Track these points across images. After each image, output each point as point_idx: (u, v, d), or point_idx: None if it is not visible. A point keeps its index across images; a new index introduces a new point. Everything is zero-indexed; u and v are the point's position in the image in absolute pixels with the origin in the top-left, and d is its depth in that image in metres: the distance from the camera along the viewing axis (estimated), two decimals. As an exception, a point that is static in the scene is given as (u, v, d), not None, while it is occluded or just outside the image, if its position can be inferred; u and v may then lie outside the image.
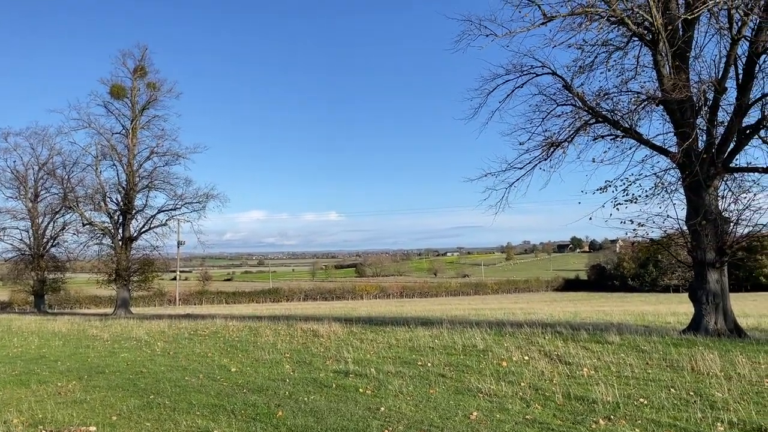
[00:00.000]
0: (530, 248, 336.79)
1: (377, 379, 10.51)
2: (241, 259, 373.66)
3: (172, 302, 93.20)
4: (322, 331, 17.52)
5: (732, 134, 15.85)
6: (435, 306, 61.27)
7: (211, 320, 24.13)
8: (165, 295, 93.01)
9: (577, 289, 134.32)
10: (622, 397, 8.51)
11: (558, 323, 20.11)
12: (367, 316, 29.51)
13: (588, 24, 16.55)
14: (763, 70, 15.70)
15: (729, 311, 16.20)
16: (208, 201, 44.55)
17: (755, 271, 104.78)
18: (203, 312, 46.50)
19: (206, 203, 44.54)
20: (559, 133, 17.70)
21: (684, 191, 16.47)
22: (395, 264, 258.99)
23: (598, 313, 37.09)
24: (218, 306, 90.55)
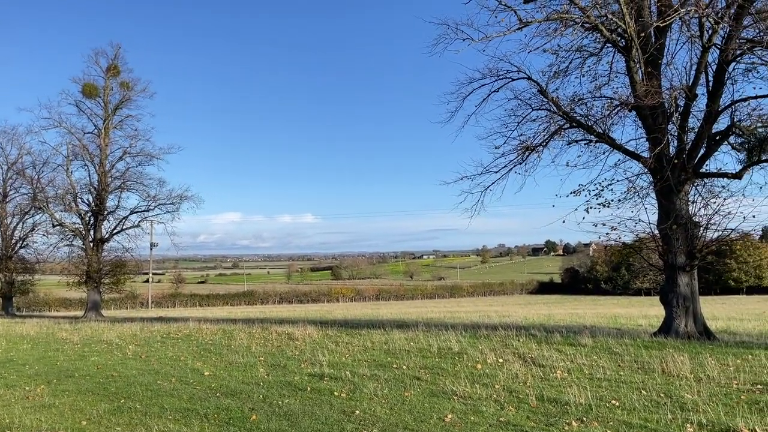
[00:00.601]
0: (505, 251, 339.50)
1: (352, 382, 10.48)
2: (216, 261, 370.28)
3: (144, 305, 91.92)
4: (297, 334, 17.42)
5: (702, 140, 16.17)
6: (411, 309, 61.36)
7: (184, 323, 23.84)
8: (137, 298, 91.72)
9: (551, 292, 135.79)
10: (595, 398, 8.60)
11: (532, 326, 20.29)
12: (343, 319, 29.43)
13: (563, 30, 16.76)
14: (732, 78, 16.06)
15: (699, 314, 16.50)
16: (182, 202, 44.05)
17: (724, 274, 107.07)
18: (176, 315, 45.91)
19: (180, 205, 44.04)
20: (534, 138, 17.88)
21: (656, 196, 16.75)
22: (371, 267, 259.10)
23: (571, 315, 37.50)
24: (192, 309, 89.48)
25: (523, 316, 36.79)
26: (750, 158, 16.14)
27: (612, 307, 64.34)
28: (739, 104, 16.00)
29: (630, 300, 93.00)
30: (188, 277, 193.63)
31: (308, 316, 36.43)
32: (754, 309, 51.61)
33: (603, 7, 16.58)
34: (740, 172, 16.17)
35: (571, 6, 16.46)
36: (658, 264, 17.55)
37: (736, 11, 14.99)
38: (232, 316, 39.16)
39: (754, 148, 15.96)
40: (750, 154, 16.10)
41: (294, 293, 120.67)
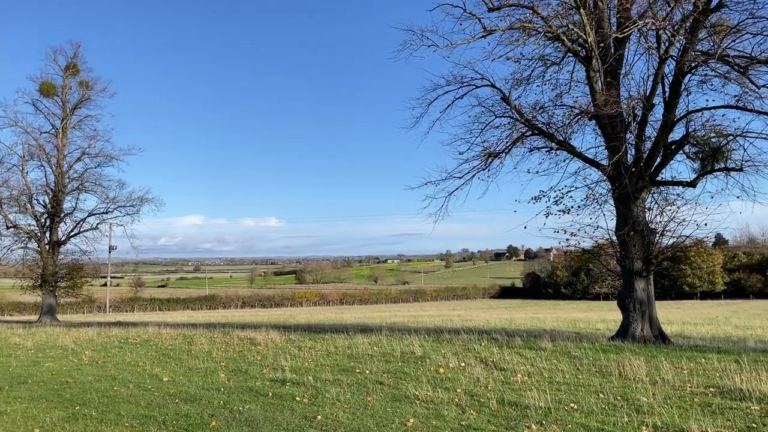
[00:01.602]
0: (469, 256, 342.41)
1: (315, 387, 10.43)
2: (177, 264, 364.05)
3: (102, 309, 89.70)
4: (259, 338, 17.25)
5: (659, 149, 16.64)
6: (375, 313, 61.37)
7: (143, 328, 23.37)
8: (94, 302, 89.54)
9: (512, 297, 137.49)
10: (554, 402, 8.75)
11: (494, 330, 20.53)
12: (306, 324, 29.26)
13: (526, 39, 17.07)
14: (687, 89, 16.60)
15: (655, 318, 16.94)
16: (143, 205, 43.22)
17: (679, 280, 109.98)
18: (135, 319, 44.94)
19: (140, 207, 43.19)
20: (497, 144, 18.13)
21: (614, 203, 17.15)
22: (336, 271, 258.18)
23: (532, 320, 38.04)
24: (151, 313, 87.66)
25: (485, 320, 37.18)
26: (704, 167, 16.67)
27: (571, 311, 65.49)
28: (693, 115, 16.54)
29: (589, 304, 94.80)
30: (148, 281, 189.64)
31: (271, 320, 36.11)
32: (707, 313, 53.23)
33: (565, 17, 16.96)
34: (694, 181, 16.69)
35: (534, 16, 16.78)
36: (615, 269, 17.97)
37: (692, 24, 15.49)
38: (193, 320, 38.53)
39: (707, 158, 16.50)
40: (704, 163, 16.63)
41: (257, 297, 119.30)
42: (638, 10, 16.40)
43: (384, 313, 58.63)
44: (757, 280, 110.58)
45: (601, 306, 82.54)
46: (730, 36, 15.61)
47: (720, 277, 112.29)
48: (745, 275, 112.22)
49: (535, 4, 16.86)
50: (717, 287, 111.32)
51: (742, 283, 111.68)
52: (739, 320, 40.32)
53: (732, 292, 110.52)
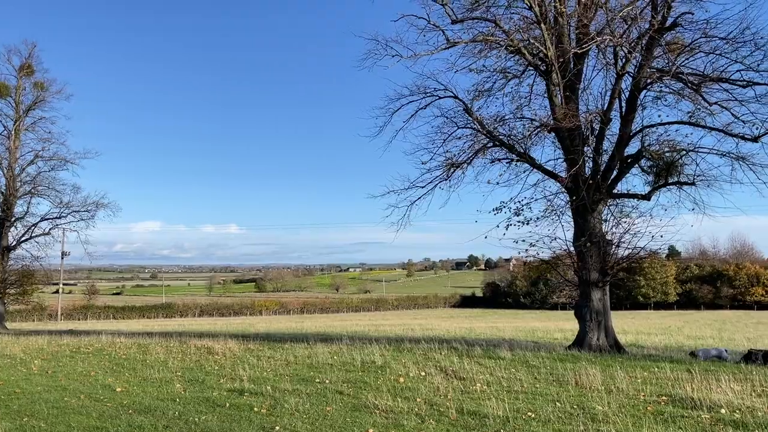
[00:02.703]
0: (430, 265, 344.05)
1: (273, 397, 10.28)
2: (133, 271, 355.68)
3: (53, 317, 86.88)
4: (217, 348, 16.95)
5: (615, 162, 17.07)
6: (336, 322, 61.06)
7: (96, 336, 22.71)
8: (45, 310, 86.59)
9: (473, 306, 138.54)
10: (512, 410, 8.82)
11: (454, 339, 20.64)
12: (266, 333, 28.91)
13: (488, 51, 17.36)
14: (643, 105, 17.10)
15: (610, 328, 17.30)
16: (98, 210, 41.98)
17: (634, 290, 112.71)
18: (88, 328, 43.66)
19: (96, 212, 41.95)
20: (459, 155, 18.34)
21: (572, 214, 17.51)
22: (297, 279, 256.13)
23: (491, 329, 38.42)
24: (105, 321, 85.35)
25: (445, 329, 37.39)
26: (657, 181, 17.17)
27: (530, 320, 66.40)
28: (648, 130, 17.06)
29: (547, 314, 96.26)
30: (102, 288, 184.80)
31: (229, 329, 35.56)
32: (661, 323, 54.67)
33: (526, 31, 17.29)
34: (649, 194, 17.17)
35: (496, 29, 17.08)
36: (573, 280, 18.32)
37: (648, 42, 15.99)
38: (148, 329, 37.64)
39: (661, 172, 17.01)
40: (657, 177, 17.14)
41: (215, 306, 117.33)
42: (597, 27, 16.84)
43: (345, 322, 58.39)
44: (707, 291, 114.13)
45: (558, 315, 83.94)
46: (684, 54, 16.18)
47: (673, 288, 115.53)
48: (697, 286, 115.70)
49: (498, 17, 17.17)
50: (670, 298, 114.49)
51: (693, 294, 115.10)
52: (691, 330, 41.56)
53: (684, 303, 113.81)
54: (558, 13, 16.90)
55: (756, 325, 52.27)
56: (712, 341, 28.05)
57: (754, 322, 59.19)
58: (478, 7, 17.22)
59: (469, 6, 17.26)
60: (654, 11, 15.77)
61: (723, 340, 29.39)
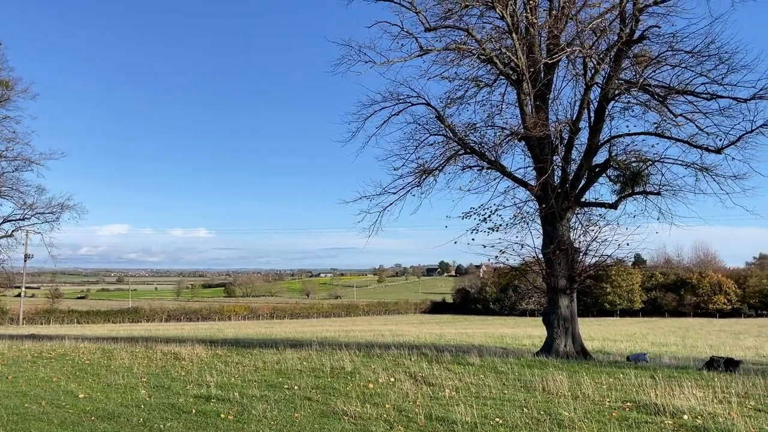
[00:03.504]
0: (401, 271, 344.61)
1: (241, 403, 10.16)
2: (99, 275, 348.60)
3: (14, 321, 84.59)
4: (184, 353, 16.70)
5: (583, 171, 17.36)
6: (306, 327, 60.69)
7: (59, 341, 22.17)
8: (7, 314, 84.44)
9: (443, 312, 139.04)
10: (480, 416, 8.86)
11: (424, 345, 20.69)
12: (234, 338, 28.59)
13: (460, 60, 17.53)
14: (611, 115, 17.44)
15: (577, 335, 17.54)
16: (63, 212, 41.02)
17: (600, 298, 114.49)
18: (51, 332, 42.57)
19: (61, 214, 40.98)
20: (431, 161, 18.45)
21: (540, 222, 17.74)
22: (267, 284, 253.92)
23: (461, 335, 38.61)
24: (69, 326, 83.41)
25: (415, 335, 37.44)
26: (624, 190, 17.50)
27: (499, 327, 66.90)
28: (616, 140, 17.40)
29: (516, 320, 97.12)
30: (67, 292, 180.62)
31: (197, 334, 35.07)
32: (626, 330, 55.60)
33: (498, 41, 17.51)
34: (616, 203, 17.49)
35: (469, 38, 17.25)
36: (542, 287, 18.54)
37: (616, 54, 16.32)
38: (113, 334, 36.91)
39: (628, 181, 17.34)
40: (624, 186, 17.48)
41: (183, 311, 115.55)
42: (567, 38, 17.14)
43: (315, 328, 58.08)
44: (672, 298, 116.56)
45: (527, 322, 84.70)
46: (651, 66, 16.56)
47: (638, 296, 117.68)
48: (662, 294, 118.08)
49: (470, 27, 17.36)
50: (636, 305, 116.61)
51: (658, 301, 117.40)
52: (656, 337, 42.35)
53: (649, 310, 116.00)
54: (529, 23, 17.15)
55: (718, 333, 53.54)
56: (676, 348, 28.64)
57: (716, 330, 60.63)
58: (451, 15, 17.38)
59: (443, 14, 17.41)
60: (622, 24, 16.11)
61: (686, 347, 30.01)
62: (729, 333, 53.20)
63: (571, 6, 17.12)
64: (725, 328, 66.67)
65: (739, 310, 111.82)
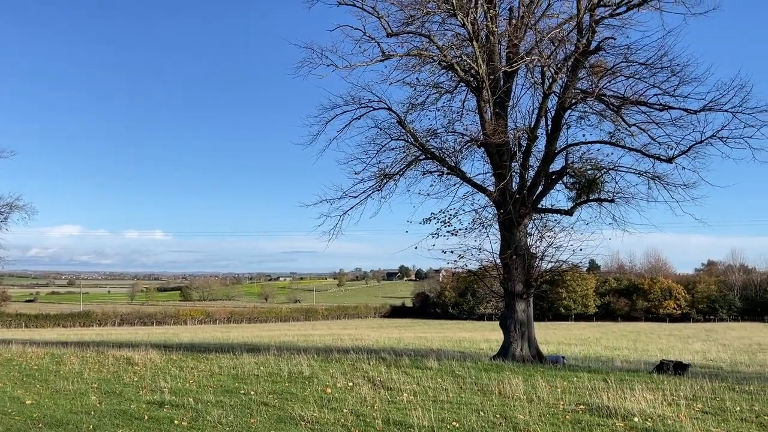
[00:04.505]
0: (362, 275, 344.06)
1: (195, 409, 9.97)
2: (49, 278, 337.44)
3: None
4: (137, 358, 16.32)
5: (540, 178, 17.69)
6: (264, 332, 60.01)
7: (5, 346, 21.41)
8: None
9: (402, 316, 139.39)
10: (437, 420, 8.91)
11: (383, 349, 20.71)
12: (190, 343, 28.10)
13: (422, 66, 17.66)
14: (568, 123, 17.85)
15: (533, 339, 17.82)
16: (12, 212, 39.53)
17: (556, 302, 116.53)
18: (-3, 337, 41.03)
19: (9, 214, 39.48)
20: (392, 166, 18.52)
21: (499, 227, 17.98)
22: (225, 288, 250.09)
23: (420, 339, 38.80)
24: (16, 330, 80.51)
25: (375, 339, 37.46)
26: (579, 197, 17.90)
27: (458, 331, 67.51)
28: (572, 148, 17.80)
29: (474, 324, 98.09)
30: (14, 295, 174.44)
31: (151, 339, 34.32)
32: (581, 334, 56.79)
33: (459, 48, 17.72)
34: (571, 209, 17.87)
35: (431, 44, 17.40)
36: (499, 291, 18.79)
37: (573, 64, 16.69)
38: (63, 338, 35.82)
39: (583, 188, 17.74)
40: (579, 193, 17.88)
41: (137, 314, 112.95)
42: (526, 47, 17.46)
43: (273, 332, 57.53)
44: (624, 303, 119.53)
45: (485, 326, 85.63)
46: (606, 77, 17.01)
47: (592, 301, 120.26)
48: (615, 299, 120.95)
49: (432, 33, 17.51)
50: (590, 310, 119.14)
51: (611, 306, 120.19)
52: (608, 341, 43.39)
53: (603, 315, 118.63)
54: (489, 32, 17.40)
55: (668, 337, 55.17)
56: (628, 352, 29.41)
57: (666, 334, 62.45)
58: (413, 22, 17.50)
59: (405, 20, 17.52)
60: (579, 35, 16.50)
61: (638, 351, 30.85)
62: (678, 337, 54.88)
63: (530, 16, 17.44)
64: (675, 332, 68.73)
65: (688, 314, 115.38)
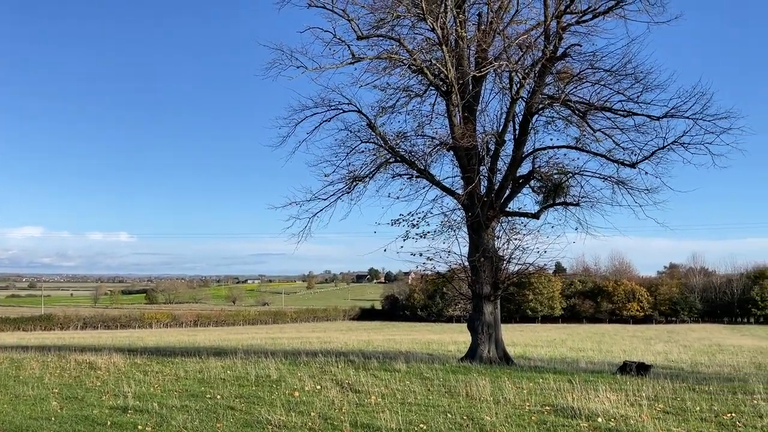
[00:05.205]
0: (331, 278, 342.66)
1: (160, 414, 9.82)
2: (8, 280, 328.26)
3: None
4: (100, 362, 15.99)
5: (508, 182, 17.91)
6: (231, 335, 59.36)
7: (-39, 351, 20.74)
8: None
9: (372, 318, 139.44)
10: (405, 423, 8.93)
11: (352, 352, 20.68)
12: (155, 346, 27.66)
13: (392, 69, 17.73)
14: (535, 128, 18.11)
15: (500, 341, 18.01)
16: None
17: (523, 304, 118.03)
18: (-48, 341, 39.75)
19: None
20: (361, 169, 18.54)
21: (467, 230, 18.14)
22: (191, 291, 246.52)
23: (389, 341, 38.86)
24: (-27, 334, 78.08)
25: (343, 342, 37.40)
26: (546, 201, 18.17)
27: (426, 333, 67.78)
28: (539, 152, 18.06)
29: (443, 326, 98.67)
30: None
31: (115, 343, 33.65)
32: (547, 336, 57.59)
33: (428, 52, 17.84)
34: (538, 213, 18.13)
35: (401, 48, 17.48)
36: (467, 293, 18.95)
37: (540, 70, 16.96)
38: (23, 342, 34.90)
39: (550, 192, 18.02)
40: (546, 197, 18.14)
41: (101, 318, 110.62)
42: (494, 53, 17.67)
43: (241, 335, 56.95)
44: (589, 305, 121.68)
45: (453, 328, 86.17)
46: (572, 83, 17.33)
47: (558, 303, 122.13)
48: (580, 301, 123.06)
49: (402, 37, 17.60)
50: (556, 312, 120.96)
51: (577, 308, 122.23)
52: (574, 342, 44.07)
53: (568, 317, 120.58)
54: (459, 36, 17.56)
55: (631, 338, 56.31)
56: (592, 353, 29.91)
57: (630, 335, 63.74)
58: (384, 25, 17.56)
59: (375, 23, 17.56)
60: (546, 41, 16.77)
61: (602, 352, 31.39)
62: (641, 339, 56.06)
63: (498, 22, 17.66)
64: (638, 333, 70.19)
65: (650, 316, 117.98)
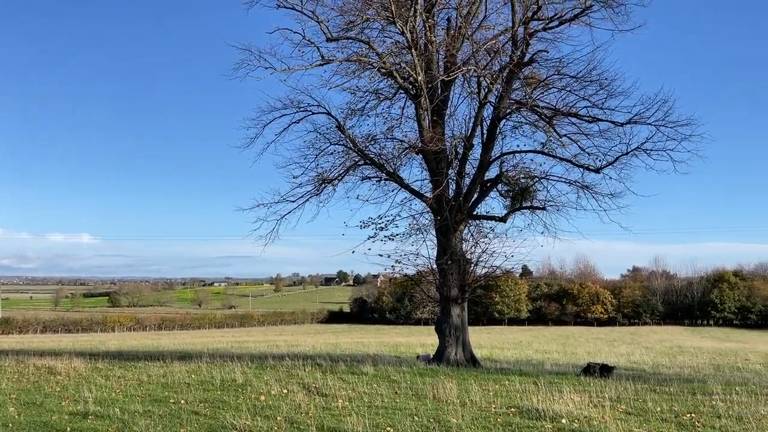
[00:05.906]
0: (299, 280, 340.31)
1: (121, 420, 9.61)
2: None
3: None
4: (59, 367, 15.59)
5: (476, 186, 18.07)
6: (196, 339, 58.51)
7: None
8: None
9: (340, 321, 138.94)
10: (371, 426, 8.92)
11: (319, 355, 20.57)
12: (117, 351, 27.12)
13: (361, 72, 17.73)
14: (503, 133, 18.31)
15: (467, 343, 18.14)
16: None
17: (490, 307, 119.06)
18: None
19: None
20: (330, 171, 18.49)
21: (435, 233, 18.23)
22: (156, 293, 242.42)
23: (357, 344, 38.79)
24: (-74, 339, 75.40)
25: (311, 345, 37.19)
26: (513, 205, 18.37)
27: (395, 336, 67.82)
28: (507, 157, 18.28)
29: (411, 329, 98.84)
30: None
31: (76, 347, 32.86)
32: (514, 338, 58.23)
33: (398, 55, 17.91)
34: (505, 216, 18.32)
35: (370, 51, 17.50)
36: (435, 296, 19.04)
37: (508, 75, 17.17)
38: (-21, 347, 33.79)
39: (517, 196, 18.22)
40: (513, 201, 18.35)
41: (62, 322, 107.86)
42: (463, 57, 17.82)
43: (207, 339, 56.19)
44: (555, 308, 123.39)
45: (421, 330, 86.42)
46: (539, 89, 17.58)
47: (525, 305, 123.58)
48: (546, 303, 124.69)
49: (372, 40, 17.62)
50: (522, 314, 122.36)
51: (543, 310, 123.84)
52: (540, 345, 44.64)
53: (534, 319, 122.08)
54: (428, 41, 17.65)
55: (595, 340, 57.30)
56: (557, 355, 30.36)
57: (594, 338, 64.86)
58: (353, 27, 17.56)
59: (344, 26, 17.55)
60: (514, 47, 16.98)
61: (567, 354, 31.87)
62: (605, 341, 57.08)
63: (467, 27, 17.82)
64: (602, 335, 71.44)
65: (614, 319, 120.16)
